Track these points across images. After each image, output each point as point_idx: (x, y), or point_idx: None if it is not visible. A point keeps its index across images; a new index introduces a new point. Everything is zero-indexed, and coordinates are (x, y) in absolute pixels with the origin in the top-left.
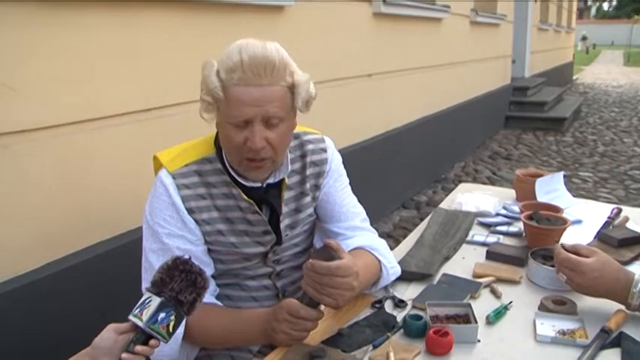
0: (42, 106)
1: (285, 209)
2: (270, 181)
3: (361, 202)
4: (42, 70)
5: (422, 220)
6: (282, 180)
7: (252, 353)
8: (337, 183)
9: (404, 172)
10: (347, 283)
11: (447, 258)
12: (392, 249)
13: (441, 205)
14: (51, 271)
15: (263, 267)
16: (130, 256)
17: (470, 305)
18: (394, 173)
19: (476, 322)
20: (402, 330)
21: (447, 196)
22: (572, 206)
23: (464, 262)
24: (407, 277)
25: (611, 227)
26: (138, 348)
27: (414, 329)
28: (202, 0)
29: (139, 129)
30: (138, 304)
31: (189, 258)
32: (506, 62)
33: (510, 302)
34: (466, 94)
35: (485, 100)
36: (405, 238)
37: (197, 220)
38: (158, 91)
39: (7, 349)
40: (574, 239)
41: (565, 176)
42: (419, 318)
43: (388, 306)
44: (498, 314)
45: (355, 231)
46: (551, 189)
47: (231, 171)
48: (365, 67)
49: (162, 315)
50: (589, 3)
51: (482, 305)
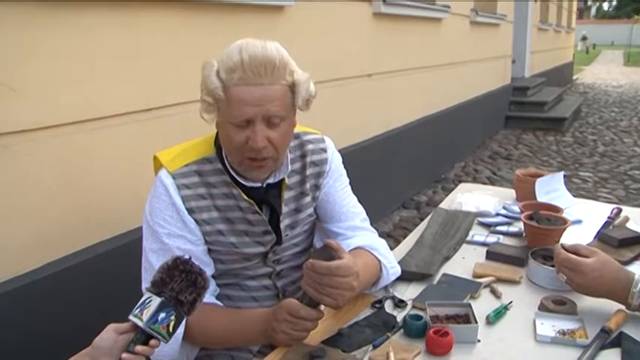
0: (42, 106)
1: (285, 209)
2: (270, 181)
3: (361, 202)
4: (42, 70)
5: (422, 220)
6: (282, 180)
7: (252, 353)
8: (337, 183)
9: (404, 172)
10: (347, 283)
11: (447, 258)
12: (392, 249)
13: (441, 205)
14: (51, 271)
15: (263, 267)
16: (130, 256)
17: (470, 305)
18: (394, 173)
19: (476, 322)
20: (402, 330)
21: (447, 196)
22: (572, 206)
23: (464, 262)
24: (407, 277)
25: (611, 227)
26: (138, 348)
27: (414, 329)
28: (202, 0)
29: (139, 129)
30: (138, 304)
31: (189, 258)
32: (506, 62)
33: (510, 302)
34: (466, 94)
35: (485, 100)
36: (405, 238)
37: (197, 220)
38: (158, 91)
39: (7, 349)
40: (574, 239)
41: (565, 176)
42: (419, 318)
43: (388, 306)
44: (498, 314)
45: (355, 231)
46: (551, 189)
47: (231, 171)
48: (365, 67)
49: (162, 315)
50: (589, 3)
51: (482, 305)
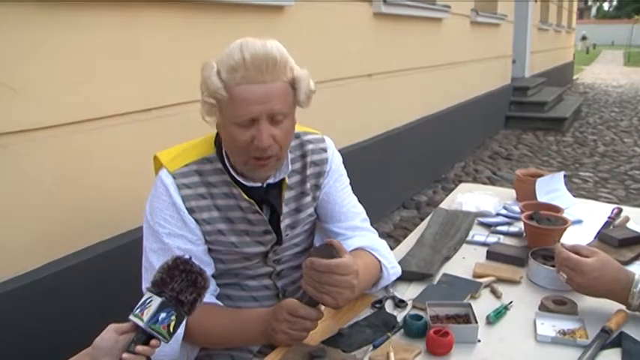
0: (42, 106)
1: (285, 209)
2: (270, 181)
3: (361, 202)
4: (42, 70)
5: (422, 220)
6: (282, 180)
7: (252, 353)
8: (337, 183)
9: (404, 172)
10: (347, 282)
11: (447, 258)
12: (392, 249)
13: (441, 205)
14: (51, 271)
15: (263, 267)
16: (130, 256)
17: (470, 305)
18: (394, 173)
19: (476, 322)
20: (402, 330)
21: (447, 196)
22: (572, 206)
23: (464, 262)
24: (407, 277)
25: (611, 227)
26: (139, 348)
27: (415, 329)
28: (202, 0)
29: (139, 129)
30: (138, 304)
31: (189, 258)
32: (506, 62)
33: (510, 302)
34: (466, 94)
35: (485, 100)
36: (405, 238)
37: (197, 220)
38: (158, 91)
39: (7, 349)
40: (574, 239)
41: (565, 176)
42: (419, 318)
43: (388, 306)
44: (498, 314)
45: (355, 231)
46: (551, 189)
47: (231, 170)
48: (365, 67)
49: (162, 315)
50: (589, 3)
51: (482, 305)
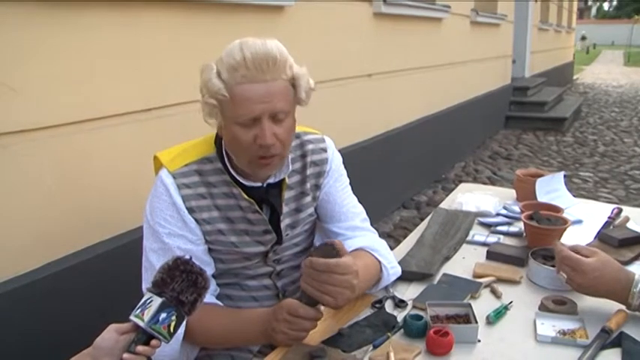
0: (42, 106)
1: (285, 209)
2: (270, 181)
3: (361, 202)
4: (42, 70)
5: (422, 220)
6: (282, 180)
7: (252, 353)
8: (337, 183)
9: (404, 172)
10: (346, 281)
11: (448, 258)
12: (392, 249)
13: (442, 205)
14: (51, 271)
15: (263, 266)
16: (130, 256)
17: (470, 305)
18: (394, 173)
19: (476, 322)
20: (402, 330)
21: (448, 196)
22: (572, 206)
23: (464, 262)
24: (407, 277)
25: (611, 227)
26: (139, 348)
27: (415, 329)
28: (202, 0)
29: (139, 129)
30: (139, 305)
31: (189, 258)
32: (506, 62)
33: (510, 302)
34: (466, 94)
35: (485, 100)
36: (406, 238)
37: (197, 220)
38: (158, 91)
39: (7, 349)
40: (574, 239)
41: (565, 176)
42: (419, 318)
43: (388, 306)
44: (498, 314)
45: (355, 231)
46: (551, 189)
47: (231, 170)
48: (365, 67)
49: (163, 315)
50: (589, 3)
51: (482, 305)
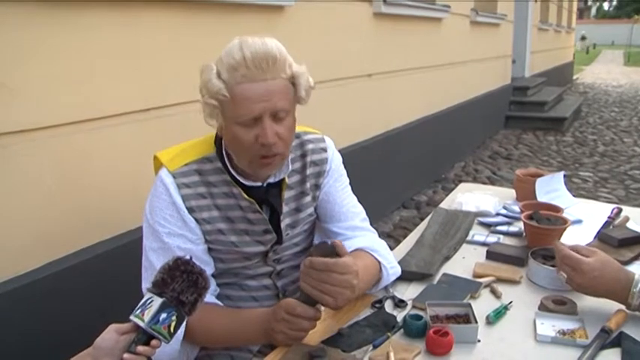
0: (41, 106)
1: (285, 208)
2: (270, 181)
3: (361, 202)
4: (42, 70)
5: (422, 220)
6: (282, 179)
7: (252, 353)
8: (337, 183)
9: (404, 172)
10: (346, 281)
11: (447, 258)
12: (392, 249)
13: (441, 205)
14: (51, 271)
15: (263, 266)
16: (130, 256)
17: (470, 305)
18: (394, 173)
19: (476, 322)
20: (402, 330)
21: (447, 196)
22: (572, 206)
23: (464, 262)
24: (407, 277)
25: (611, 227)
26: (140, 348)
27: (414, 329)
28: (202, 0)
29: (139, 129)
30: (139, 305)
31: (190, 258)
32: (506, 62)
33: (510, 302)
34: (466, 94)
35: (485, 100)
36: (405, 238)
37: (197, 219)
38: (157, 91)
39: (7, 349)
40: (574, 239)
41: (565, 176)
42: (419, 318)
43: (388, 306)
44: (498, 314)
45: (355, 231)
46: (551, 189)
47: (231, 170)
48: (365, 67)
49: (163, 315)
50: (589, 3)
51: (482, 305)
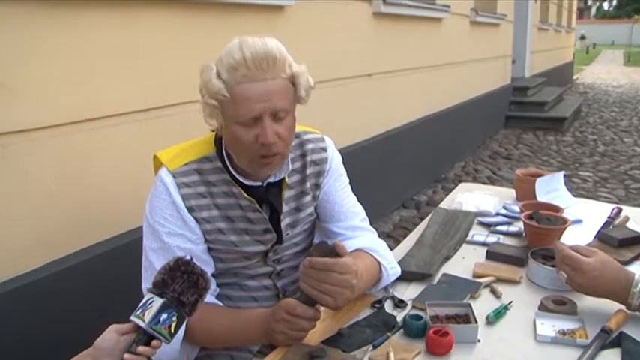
0: (41, 106)
1: (285, 208)
2: (270, 180)
3: (361, 202)
4: (42, 70)
5: (422, 220)
6: (282, 179)
7: (252, 353)
8: (337, 183)
9: (404, 172)
10: (346, 281)
11: (447, 258)
12: (392, 249)
13: (441, 205)
14: (51, 271)
15: (263, 266)
16: (130, 256)
17: (470, 305)
18: (394, 173)
19: (476, 322)
20: (402, 330)
21: (447, 196)
22: (572, 206)
23: (464, 262)
24: (407, 277)
25: (611, 227)
26: (140, 349)
27: (414, 329)
28: (202, 0)
29: (138, 129)
30: (140, 305)
31: (190, 259)
32: (506, 62)
33: (510, 302)
34: (466, 94)
35: (485, 100)
36: (405, 238)
37: (197, 219)
38: (157, 91)
39: (7, 349)
40: (574, 239)
41: (565, 176)
42: (419, 318)
43: (388, 306)
44: (498, 314)
45: (355, 231)
46: (551, 189)
47: (231, 170)
48: (365, 67)
49: (164, 316)
50: (589, 3)
51: (482, 305)
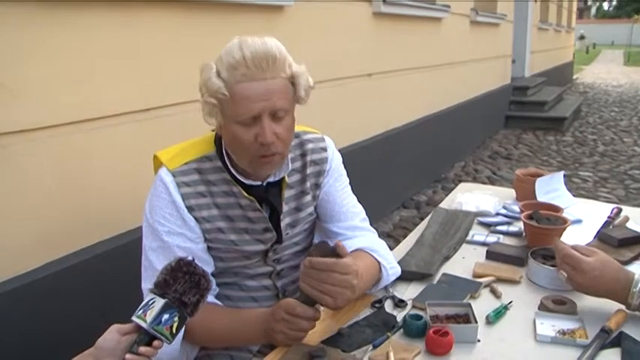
0: (41, 106)
1: (285, 208)
2: (270, 180)
3: (361, 202)
4: (42, 70)
5: (422, 220)
6: (282, 178)
7: (251, 353)
8: (337, 182)
9: (404, 172)
10: (346, 281)
11: (447, 258)
12: (392, 249)
13: (441, 205)
14: (51, 271)
15: (263, 266)
16: (130, 256)
17: (470, 305)
18: (394, 173)
19: (476, 322)
20: (402, 330)
21: (447, 196)
22: (572, 206)
23: (464, 262)
24: (407, 277)
25: (611, 227)
26: (142, 349)
27: (414, 329)
28: (202, 0)
29: (138, 129)
30: (141, 305)
31: (192, 259)
32: (506, 62)
33: (510, 302)
34: (466, 94)
35: (485, 100)
36: (405, 238)
37: (197, 218)
38: (157, 91)
39: (7, 349)
40: (574, 239)
41: (565, 176)
42: (419, 318)
43: (388, 306)
44: (498, 314)
45: (355, 231)
46: (551, 189)
47: (231, 169)
48: (365, 67)
49: (166, 316)
50: (589, 3)
51: (482, 305)
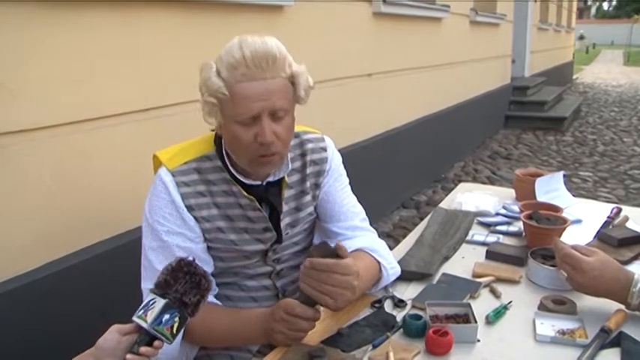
0: (41, 106)
1: (285, 207)
2: (270, 179)
3: (361, 202)
4: (42, 70)
5: (422, 220)
6: (282, 178)
7: (251, 353)
8: (337, 182)
9: (404, 172)
10: (347, 282)
11: (447, 258)
12: (392, 249)
13: (441, 205)
14: (51, 271)
15: (263, 266)
16: (130, 256)
17: (469, 305)
18: (394, 173)
19: (475, 322)
20: (402, 330)
21: (447, 196)
22: (571, 206)
23: (463, 262)
24: (407, 277)
25: (610, 227)
26: (142, 349)
27: (414, 329)
28: (202, 0)
29: (138, 129)
30: (142, 306)
31: (193, 260)
32: (506, 62)
33: (510, 302)
34: (466, 94)
35: (485, 100)
36: (405, 238)
37: (196, 218)
38: (157, 91)
39: (7, 349)
40: (574, 239)
41: (565, 176)
42: (418, 318)
43: (388, 306)
44: (498, 314)
45: (355, 231)
46: (550, 188)
47: (231, 169)
48: (365, 67)
49: (166, 316)
50: (589, 3)
51: (481, 305)
